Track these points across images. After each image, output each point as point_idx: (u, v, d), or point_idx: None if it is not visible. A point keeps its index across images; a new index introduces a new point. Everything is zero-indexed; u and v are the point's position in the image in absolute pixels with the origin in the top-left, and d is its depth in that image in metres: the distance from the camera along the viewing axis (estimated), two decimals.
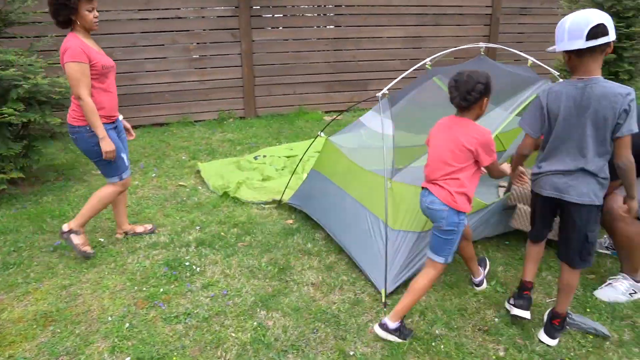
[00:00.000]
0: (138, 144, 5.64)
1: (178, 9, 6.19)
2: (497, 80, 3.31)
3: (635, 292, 2.77)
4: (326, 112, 7.11)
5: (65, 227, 3.12)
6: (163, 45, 6.26)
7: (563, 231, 2.38)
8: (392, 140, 2.92)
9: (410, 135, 3.38)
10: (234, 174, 4.51)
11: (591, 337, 2.48)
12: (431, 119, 3.46)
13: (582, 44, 2.08)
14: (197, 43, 6.42)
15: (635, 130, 2.11)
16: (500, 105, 3.07)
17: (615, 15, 6.31)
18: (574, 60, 2.16)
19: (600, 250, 3.27)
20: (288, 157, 4.89)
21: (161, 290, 2.86)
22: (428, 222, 2.79)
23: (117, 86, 6.21)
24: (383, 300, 2.66)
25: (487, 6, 7.57)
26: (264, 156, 4.91)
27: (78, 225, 3.14)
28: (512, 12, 7.88)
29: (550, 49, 2.26)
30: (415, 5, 7.16)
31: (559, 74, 3.38)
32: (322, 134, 3.51)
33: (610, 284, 2.81)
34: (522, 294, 2.58)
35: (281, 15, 6.71)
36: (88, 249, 3.16)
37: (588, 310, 2.70)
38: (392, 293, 2.75)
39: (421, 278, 2.38)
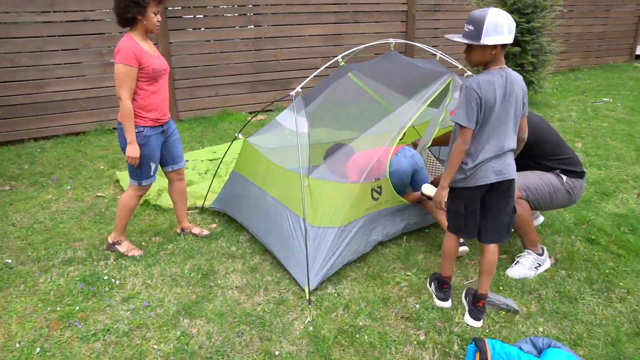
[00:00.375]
0: (51, 155, 5.31)
1: (89, 11, 5.88)
2: (408, 74, 3.46)
3: (540, 265, 3.00)
4: (250, 112, 7.06)
5: (109, 240, 3.30)
6: (77, 49, 5.93)
7: (494, 212, 2.49)
8: (308, 138, 2.95)
9: (331, 131, 3.44)
10: (155, 181, 4.35)
11: (504, 312, 2.64)
12: (349, 114, 3.56)
13: (511, 39, 2.26)
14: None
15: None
16: (412, 97, 3.19)
17: (517, 12, 6.76)
18: (500, 52, 2.28)
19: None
20: (211, 160, 4.80)
21: (77, 308, 2.71)
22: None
23: (23, 95, 5.80)
24: (307, 297, 2.68)
25: (402, 3, 7.83)
26: (187, 161, 4.79)
27: (116, 236, 3.28)
28: (426, 8, 8.21)
29: (456, 40, 2.29)
30: (333, 4, 7.27)
31: (464, 67, 3.56)
32: (240, 136, 3.48)
33: (518, 262, 3.01)
34: (442, 287, 2.71)
35: (201, 16, 6.57)
36: (135, 252, 3.27)
37: (501, 288, 2.87)
38: (316, 289, 2.78)
39: None
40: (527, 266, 2.97)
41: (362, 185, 2.91)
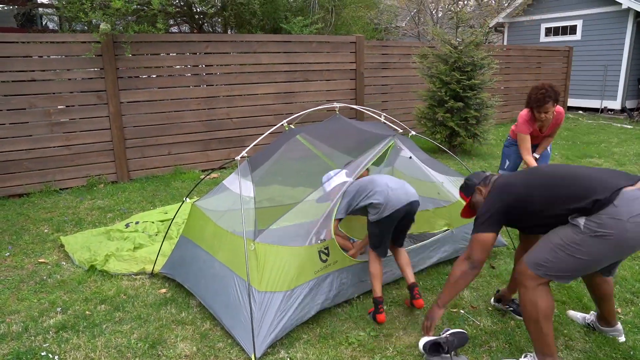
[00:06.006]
0: None
1: (32, 71, 5.83)
2: (352, 137, 3.58)
3: None
4: (203, 170, 7.04)
5: None
6: (24, 109, 5.82)
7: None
8: (254, 201, 2.96)
9: (284, 188, 3.45)
10: (103, 245, 4.22)
11: None
12: (301, 171, 3.61)
13: None
14: (67, 106, 6.07)
15: None
16: (357, 159, 3.30)
17: (458, 70, 7.20)
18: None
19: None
20: (162, 221, 4.70)
21: None
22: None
23: None
24: None
25: (351, 62, 8.19)
26: (137, 222, 4.67)
27: None
28: (374, 66, 8.62)
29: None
30: (283, 63, 7.51)
31: (406, 127, 3.73)
32: (188, 200, 3.46)
33: None
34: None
35: (154, 75, 6.62)
36: None
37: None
38: (267, 354, 2.71)
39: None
40: None
41: (308, 248, 2.92)
